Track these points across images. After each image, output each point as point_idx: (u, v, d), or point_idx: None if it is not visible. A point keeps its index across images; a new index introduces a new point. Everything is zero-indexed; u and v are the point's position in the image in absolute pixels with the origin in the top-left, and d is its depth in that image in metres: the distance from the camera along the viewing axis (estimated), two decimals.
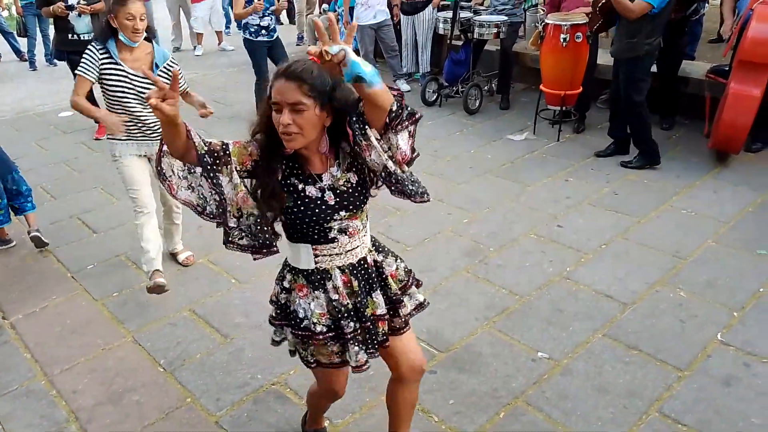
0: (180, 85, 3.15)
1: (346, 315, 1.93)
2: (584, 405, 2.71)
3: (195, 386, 2.91)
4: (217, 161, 1.74)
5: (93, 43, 3.29)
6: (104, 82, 3.28)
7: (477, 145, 5.64)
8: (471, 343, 3.11)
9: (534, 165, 5.17)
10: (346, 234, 1.90)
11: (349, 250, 1.93)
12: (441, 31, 6.70)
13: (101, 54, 3.25)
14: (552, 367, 2.93)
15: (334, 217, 1.85)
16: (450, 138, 5.88)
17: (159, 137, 3.13)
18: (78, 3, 5.62)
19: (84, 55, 3.26)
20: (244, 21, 6.01)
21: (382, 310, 1.99)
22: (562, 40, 5.14)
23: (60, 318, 3.48)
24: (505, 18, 6.20)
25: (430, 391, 2.82)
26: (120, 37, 3.22)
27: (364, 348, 1.99)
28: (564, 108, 5.58)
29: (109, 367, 3.08)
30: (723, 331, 3.10)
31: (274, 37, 6.12)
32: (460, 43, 6.63)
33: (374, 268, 2.01)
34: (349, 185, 1.87)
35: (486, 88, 6.83)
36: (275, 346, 2.21)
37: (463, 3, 6.55)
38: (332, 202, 1.85)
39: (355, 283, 1.95)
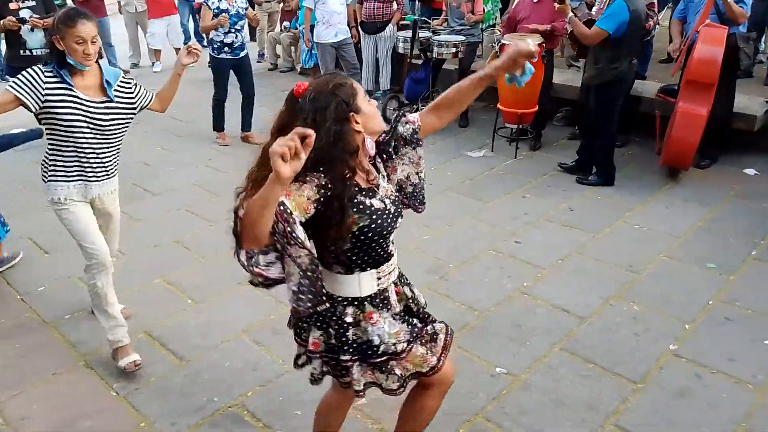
0: (146, 99, 3.06)
1: (409, 319, 1.99)
2: (543, 419, 2.73)
3: (150, 411, 2.84)
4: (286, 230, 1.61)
5: (40, 65, 2.79)
6: (53, 110, 2.75)
7: (437, 162, 5.69)
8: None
9: (493, 182, 5.25)
10: (393, 245, 1.97)
11: (395, 264, 2.00)
12: (401, 50, 6.78)
13: (47, 76, 2.74)
14: (511, 382, 2.95)
15: (395, 226, 1.91)
16: None
17: (110, 177, 2.99)
18: (30, 17, 5.50)
19: (24, 73, 2.73)
20: (211, 35, 5.93)
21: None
22: None
23: (8, 342, 3.35)
24: (463, 38, 6.32)
25: (390, 409, 2.80)
26: (69, 60, 2.75)
27: (428, 348, 2.01)
28: (521, 126, 5.70)
29: (61, 393, 2.97)
30: (675, 344, 3.18)
31: (240, 56, 6.02)
32: (420, 62, 6.72)
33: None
34: (393, 193, 1.96)
35: None
36: (315, 384, 2.11)
37: (422, 23, 6.65)
38: (393, 210, 1.90)
39: (405, 290, 2.05)
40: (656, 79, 6.40)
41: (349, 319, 1.90)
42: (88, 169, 2.92)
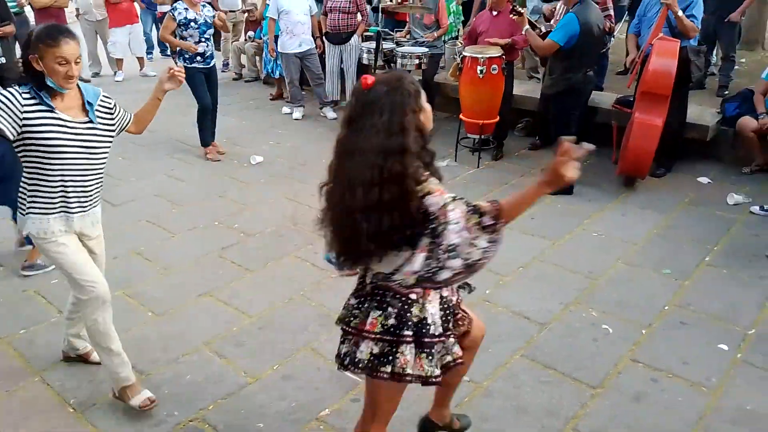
0: (125, 120, 2.83)
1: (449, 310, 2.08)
2: (505, 426, 2.77)
3: (107, 426, 2.78)
4: None
5: (15, 86, 2.50)
6: (34, 135, 2.47)
7: None
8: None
9: (456, 191, 5.16)
10: None
11: None
12: (365, 61, 6.82)
13: (25, 98, 2.46)
14: (473, 389, 2.98)
15: None
16: None
17: (93, 207, 2.74)
18: None
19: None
20: (177, 48, 5.87)
21: None
22: (479, 72, 5.33)
23: None
24: (426, 50, 6.39)
25: (353, 420, 2.81)
26: (48, 82, 2.49)
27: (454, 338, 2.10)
28: (483, 136, 5.78)
29: (14, 410, 2.89)
30: (633, 348, 3.26)
31: (210, 65, 5.99)
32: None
33: None
34: None
35: None
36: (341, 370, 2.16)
37: (385, 35, 6.70)
38: None
39: None
40: (613, 90, 6.57)
41: (413, 297, 1.96)
42: (73, 198, 2.64)
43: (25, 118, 2.45)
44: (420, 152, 1.88)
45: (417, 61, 6.31)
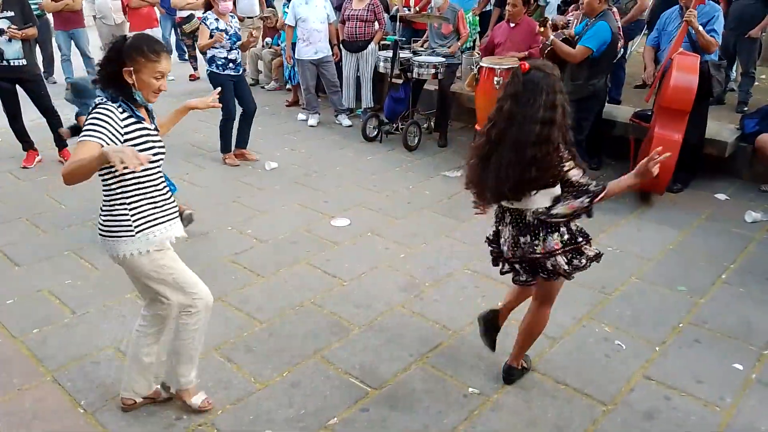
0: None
1: None
2: None
3: (117, 428, 2.79)
4: None
5: (107, 102, 2.41)
6: (137, 149, 2.35)
7: (415, 181, 5.73)
8: (404, 380, 3.11)
9: (469, 201, 5.23)
10: None
11: None
12: (382, 70, 6.84)
13: (122, 114, 2.40)
14: (483, 402, 2.96)
15: None
16: (389, 173, 5.96)
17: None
18: (8, 27, 5.46)
19: (96, 116, 2.36)
20: (209, 54, 5.87)
21: None
22: (495, 83, 5.33)
23: None
24: (443, 59, 6.40)
25: (361, 429, 2.80)
26: (135, 95, 2.45)
27: None
28: None
29: (26, 409, 2.91)
30: (645, 365, 3.22)
31: (240, 72, 6.01)
32: (400, 81, 6.78)
33: None
34: None
35: (425, 125, 6.99)
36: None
37: (403, 44, 6.72)
38: None
39: None
40: (631, 104, 6.53)
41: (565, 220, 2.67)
42: (167, 205, 2.62)
43: (126, 134, 2.40)
44: (565, 126, 2.55)
45: (433, 71, 6.32)
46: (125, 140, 2.39)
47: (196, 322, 2.73)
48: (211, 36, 5.67)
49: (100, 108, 2.38)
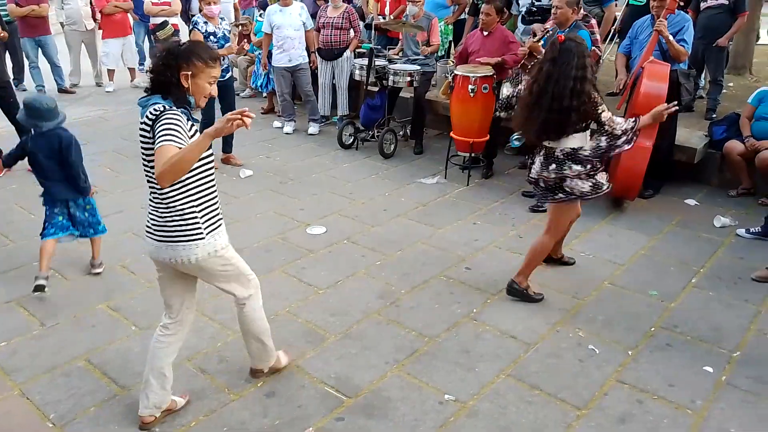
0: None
1: None
2: None
3: None
4: None
5: (173, 109, 2.44)
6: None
7: (391, 188, 5.74)
8: (380, 388, 3.10)
9: (445, 208, 5.31)
10: None
11: None
12: (357, 77, 6.85)
13: (187, 120, 2.48)
14: (458, 409, 2.96)
15: None
16: (365, 180, 5.96)
17: None
18: None
19: (172, 122, 2.38)
20: None
21: None
22: (470, 91, 5.37)
23: None
24: (418, 68, 6.43)
25: None
26: (190, 99, 2.54)
27: None
28: (473, 154, 5.81)
29: None
30: (619, 370, 3.26)
31: (225, 77, 5.92)
32: (376, 89, 6.80)
33: None
34: None
35: (401, 133, 7.02)
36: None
37: (378, 52, 6.74)
38: None
39: None
40: None
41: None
42: (219, 206, 2.71)
43: (190, 138, 2.44)
44: (594, 81, 3.42)
45: (409, 79, 6.35)
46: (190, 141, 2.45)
47: (257, 302, 2.89)
48: (206, 38, 5.65)
49: (172, 115, 2.40)
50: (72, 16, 9.04)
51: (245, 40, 7.31)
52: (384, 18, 7.57)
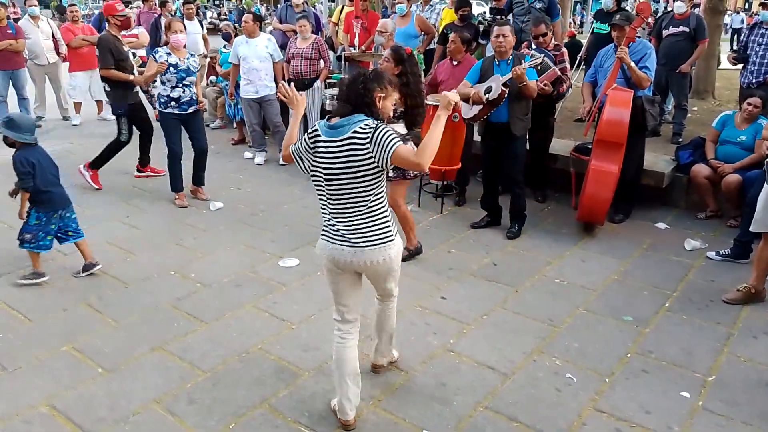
0: None
1: None
2: None
3: None
4: None
5: (383, 123, 2.80)
6: None
7: None
8: (356, 426, 3.02)
9: (419, 237, 5.27)
10: None
11: None
12: (328, 107, 6.85)
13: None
14: None
15: None
16: None
17: None
18: None
19: (390, 130, 2.76)
20: (156, 91, 5.79)
21: None
22: None
23: None
24: None
25: None
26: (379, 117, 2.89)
27: None
28: (445, 182, 5.82)
29: None
30: (595, 398, 3.23)
31: (188, 111, 5.86)
32: None
33: None
34: None
35: None
36: None
37: None
38: None
39: None
40: (571, 138, 6.72)
41: None
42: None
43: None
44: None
45: None
46: None
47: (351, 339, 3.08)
48: (174, 71, 5.62)
49: (387, 126, 2.74)
50: (33, 50, 8.93)
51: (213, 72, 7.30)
52: (354, 49, 7.62)
